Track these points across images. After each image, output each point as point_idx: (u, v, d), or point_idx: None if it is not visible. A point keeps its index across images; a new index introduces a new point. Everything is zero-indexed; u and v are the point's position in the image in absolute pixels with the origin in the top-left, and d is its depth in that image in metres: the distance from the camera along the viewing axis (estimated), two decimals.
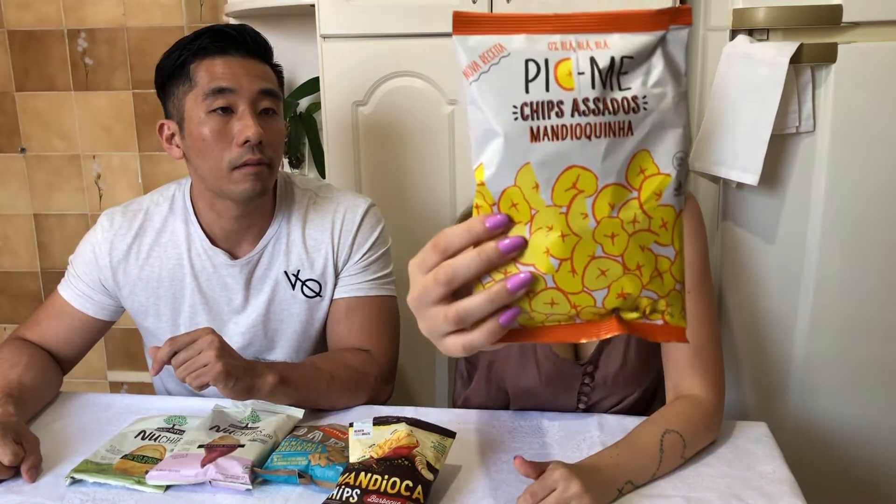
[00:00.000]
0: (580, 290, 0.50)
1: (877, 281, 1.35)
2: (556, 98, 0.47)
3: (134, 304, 1.29)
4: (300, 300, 1.29)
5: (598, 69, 0.47)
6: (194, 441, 1.03)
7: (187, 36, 1.20)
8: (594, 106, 0.47)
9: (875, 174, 1.32)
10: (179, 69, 1.18)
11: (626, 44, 0.47)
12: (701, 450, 1.05)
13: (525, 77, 0.47)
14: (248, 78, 1.18)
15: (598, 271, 0.49)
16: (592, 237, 0.49)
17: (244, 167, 1.17)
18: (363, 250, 1.30)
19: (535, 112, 0.48)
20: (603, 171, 0.48)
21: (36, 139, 2.37)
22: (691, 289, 1.11)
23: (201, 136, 1.17)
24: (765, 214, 1.36)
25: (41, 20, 2.27)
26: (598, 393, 1.18)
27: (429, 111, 1.71)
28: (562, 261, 0.49)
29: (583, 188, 0.48)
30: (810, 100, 1.29)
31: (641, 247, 0.49)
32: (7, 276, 2.50)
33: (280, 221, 1.28)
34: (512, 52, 0.48)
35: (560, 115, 0.47)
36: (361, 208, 1.31)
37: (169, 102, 1.22)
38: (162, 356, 1.06)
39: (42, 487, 1.00)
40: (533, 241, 0.49)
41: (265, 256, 1.28)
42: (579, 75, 0.47)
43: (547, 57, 0.47)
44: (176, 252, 1.27)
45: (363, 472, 0.92)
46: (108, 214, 1.30)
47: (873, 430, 1.41)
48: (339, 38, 1.70)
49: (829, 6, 1.26)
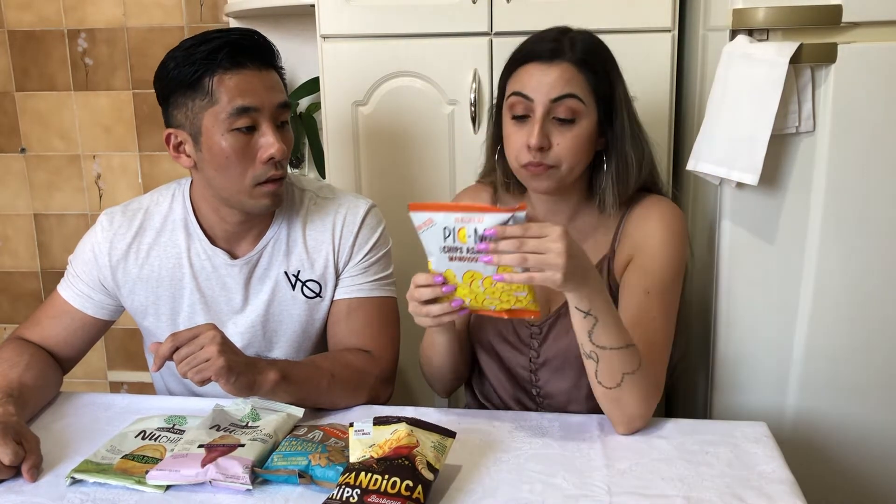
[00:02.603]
0: (481, 307, 1.03)
1: (877, 280, 1.35)
2: (459, 245, 0.99)
3: (133, 304, 1.29)
4: (300, 301, 1.29)
5: (476, 231, 0.97)
6: (194, 441, 1.03)
7: (195, 43, 1.16)
8: (475, 248, 0.98)
9: (875, 174, 1.32)
10: (195, 82, 1.15)
11: (491, 220, 0.96)
12: (700, 451, 1.05)
13: (443, 234, 0.98)
14: (268, 93, 1.17)
15: (489, 301, 1.02)
16: (482, 291, 1.01)
17: (267, 184, 1.18)
18: (364, 251, 1.30)
19: (450, 250, 0.99)
20: (484, 270, 0.99)
21: (36, 139, 2.37)
22: (652, 289, 1.18)
23: (223, 152, 1.16)
24: (765, 214, 1.36)
25: (41, 20, 2.27)
26: (547, 350, 1.25)
27: (429, 111, 1.71)
28: (471, 298, 1.03)
29: (476, 277, 1.00)
30: (810, 100, 1.29)
31: (507, 294, 1.01)
32: (7, 276, 2.50)
33: (280, 222, 1.28)
34: (436, 222, 0.98)
35: (461, 251, 0.99)
36: (362, 209, 1.31)
37: (177, 112, 1.19)
38: (164, 352, 1.06)
39: (42, 487, 1.00)
40: (458, 291, 1.02)
41: (265, 257, 1.28)
42: (469, 235, 0.97)
43: (454, 226, 0.98)
44: (175, 251, 1.27)
45: (363, 471, 0.92)
46: (107, 214, 1.30)
47: (873, 430, 1.41)
48: (339, 38, 1.70)
49: (829, 6, 1.26)
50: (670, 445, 1.07)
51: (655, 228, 1.21)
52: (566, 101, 1.14)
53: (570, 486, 0.98)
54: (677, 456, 1.04)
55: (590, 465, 1.03)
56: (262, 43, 1.19)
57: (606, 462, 1.03)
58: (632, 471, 1.01)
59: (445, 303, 1.03)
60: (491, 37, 1.65)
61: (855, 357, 1.39)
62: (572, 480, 0.99)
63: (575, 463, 1.03)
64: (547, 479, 1.00)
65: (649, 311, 1.16)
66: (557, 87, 1.14)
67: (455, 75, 1.67)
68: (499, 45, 1.63)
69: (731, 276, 1.40)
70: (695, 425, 1.13)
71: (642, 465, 1.02)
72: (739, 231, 1.38)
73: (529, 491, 0.97)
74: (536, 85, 1.14)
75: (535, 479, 0.99)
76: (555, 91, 1.14)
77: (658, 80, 1.63)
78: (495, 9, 1.63)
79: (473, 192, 1.36)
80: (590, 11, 1.61)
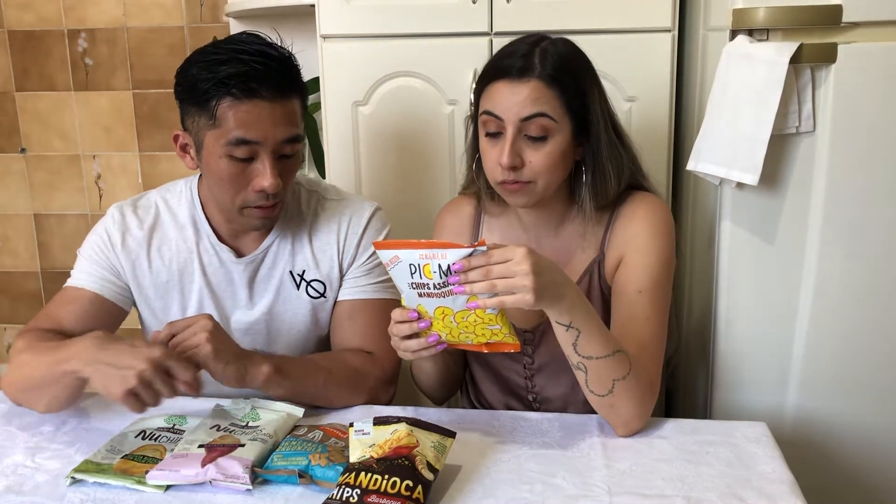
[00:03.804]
0: (457, 341, 1.05)
1: (877, 280, 1.35)
2: (426, 281, 0.98)
3: (144, 298, 1.29)
4: (305, 300, 1.29)
5: (441, 267, 0.96)
6: (194, 441, 1.03)
7: (218, 60, 1.12)
8: (442, 284, 0.97)
9: (875, 174, 1.32)
10: (204, 102, 1.13)
11: (453, 255, 0.96)
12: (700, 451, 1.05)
13: (410, 271, 0.98)
14: (274, 128, 1.14)
15: (464, 335, 1.03)
16: (456, 326, 1.02)
17: (256, 209, 1.19)
18: (368, 253, 1.30)
19: (418, 286, 0.99)
20: (454, 306, 1.00)
21: (36, 139, 2.37)
22: (644, 288, 1.17)
23: (218, 172, 1.16)
24: (765, 214, 1.36)
25: (41, 20, 2.27)
26: (542, 356, 1.25)
27: (429, 111, 1.71)
28: (447, 333, 1.04)
29: (447, 312, 1.01)
30: (810, 100, 1.29)
31: (481, 328, 1.01)
32: (7, 276, 2.50)
33: (287, 222, 1.29)
34: (402, 259, 0.98)
35: (429, 287, 0.99)
36: (368, 212, 1.32)
37: (187, 118, 1.18)
38: (161, 339, 1.08)
39: (42, 487, 1.00)
40: (434, 325, 1.03)
41: (269, 256, 1.28)
42: (434, 271, 0.97)
43: (419, 262, 0.97)
44: (186, 247, 1.28)
45: (363, 471, 0.92)
46: (118, 207, 1.30)
47: (873, 430, 1.41)
48: (339, 38, 1.70)
49: (829, 6, 1.26)
50: (670, 445, 1.07)
51: (642, 227, 1.20)
52: (536, 120, 1.12)
53: (570, 486, 0.98)
54: (677, 456, 1.04)
55: (590, 465, 1.03)
56: (280, 71, 1.15)
57: (606, 462, 1.03)
58: (632, 471, 1.01)
59: (423, 338, 1.04)
60: (491, 37, 1.65)
61: (855, 357, 1.39)
62: (572, 480, 0.99)
63: (575, 463, 1.03)
64: (547, 479, 1.00)
65: (643, 311, 1.16)
66: (527, 106, 1.11)
67: (455, 75, 1.67)
68: (499, 45, 1.60)
69: (731, 276, 1.40)
70: (695, 425, 1.13)
71: (642, 465, 1.02)
72: (739, 231, 1.38)
73: (529, 491, 0.97)
74: (506, 105, 1.12)
75: (535, 479, 0.99)
76: (525, 111, 1.11)
77: (658, 80, 1.63)
78: (495, 9, 1.63)
79: (456, 206, 1.34)
80: (590, 11, 1.61)
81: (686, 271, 1.63)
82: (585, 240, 1.25)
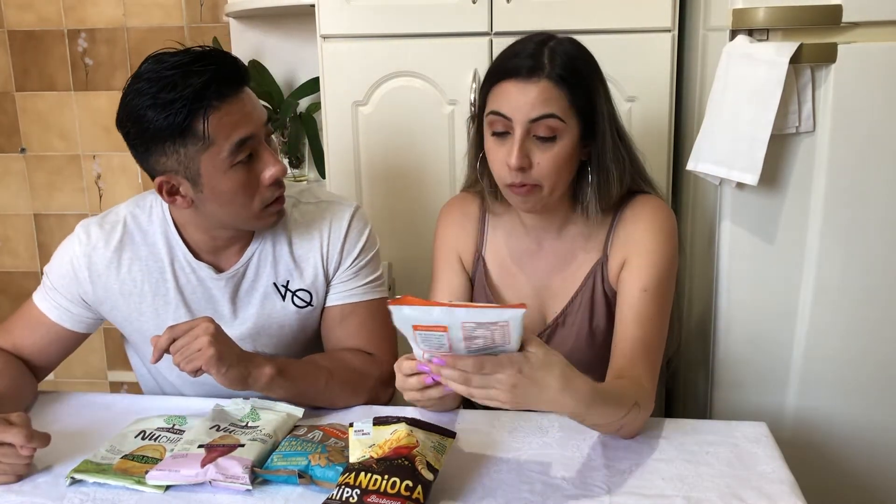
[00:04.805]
0: None
1: (877, 280, 1.35)
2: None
3: (116, 318, 1.27)
4: (291, 311, 1.27)
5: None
6: (194, 441, 1.03)
7: (167, 85, 1.07)
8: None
9: (875, 174, 1.32)
10: (186, 129, 1.08)
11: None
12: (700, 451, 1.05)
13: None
14: (255, 115, 1.14)
15: None
16: None
17: (274, 203, 1.18)
18: (353, 256, 1.28)
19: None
20: None
21: (36, 139, 2.37)
22: (649, 287, 1.17)
23: (230, 190, 1.14)
24: (765, 214, 1.36)
25: (41, 20, 2.27)
26: None
27: (429, 111, 1.71)
28: None
29: None
30: (810, 100, 1.29)
31: None
32: (7, 276, 2.50)
33: (265, 232, 1.26)
34: None
35: None
36: (347, 214, 1.29)
37: (165, 159, 1.12)
38: (162, 344, 1.07)
39: (42, 487, 1.00)
40: None
41: (251, 269, 1.25)
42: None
43: None
44: (158, 266, 1.24)
45: (363, 472, 0.92)
46: (83, 226, 1.26)
47: (873, 430, 1.41)
48: (339, 38, 1.70)
49: (829, 6, 1.26)
50: (670, 445, 1.07)
51: (648, 229, 1.20)
52: (546, 121, 1.11)
53: (570, 486, 0.98)
54: (677, 456, 1.04)
55: (590, 465, 1.02)
56: (230, 65, 1.12)
57: (606, 462, 1.03)
58: (632, 471, 1.01)
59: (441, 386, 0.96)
60: (491, 37, 1.65)
61: (855, 357, 1.39)
62: (572, 480, 0.99)
63: (575, 463, 1.03)
64: (547, 479, 1.00)
65: (647, 310, 1.16)
66: (536, 107, 1.10)
67: (455, 75, 1.67)
68: (499, 45, 1.62)
69: (731, 276, 1.40)
70: (695, 425, 1.13)
71: (642, 465, 1.02)
72: (739, 231, 1.38)
73: (529, 491, 0.97)
74: (515, 105, 1.11)
75: (535, 479, 0.99)
76: (534, 111, 1.11)
77: (658, 80, 1.63)
78: (495, 9, 1.63)
79: (462, 202, 1.33)
80: (590, 11, 1.61)
81: (686, 271, 1.63)
82: (588, 242, 1.25)
